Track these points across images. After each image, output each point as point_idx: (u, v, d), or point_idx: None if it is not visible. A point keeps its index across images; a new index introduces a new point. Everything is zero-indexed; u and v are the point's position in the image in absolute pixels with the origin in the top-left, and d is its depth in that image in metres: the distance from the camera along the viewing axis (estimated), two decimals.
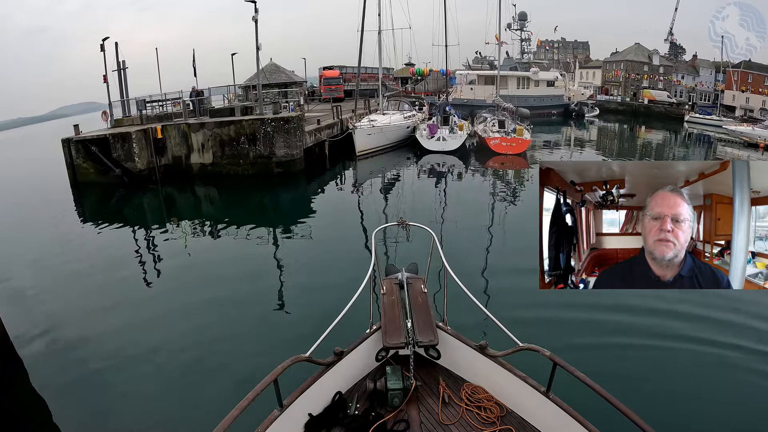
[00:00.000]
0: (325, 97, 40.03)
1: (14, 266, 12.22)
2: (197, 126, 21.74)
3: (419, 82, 59.90)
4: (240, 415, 3.07)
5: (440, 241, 5.10)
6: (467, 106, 40.66)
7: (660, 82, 61.60)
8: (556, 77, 53.17)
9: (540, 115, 45.16)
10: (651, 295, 7.97)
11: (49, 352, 7.68)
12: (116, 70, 24.12)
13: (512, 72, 49.16)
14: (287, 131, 21.01)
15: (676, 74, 61.23)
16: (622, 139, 41.76)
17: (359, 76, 28.89)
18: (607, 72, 68.27)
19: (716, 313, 7.90)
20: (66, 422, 5.97)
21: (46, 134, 23.50)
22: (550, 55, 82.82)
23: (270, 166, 21.24)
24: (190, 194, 20.98)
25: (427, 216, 14.44)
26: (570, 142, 37.66)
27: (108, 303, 9.37)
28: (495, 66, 49.27)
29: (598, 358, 6.53)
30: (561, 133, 42.65)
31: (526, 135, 26.94)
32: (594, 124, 48.20)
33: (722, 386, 6.18)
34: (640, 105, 55.37)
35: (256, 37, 21.59)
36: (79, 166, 21.95)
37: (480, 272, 10.09)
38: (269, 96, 26.92)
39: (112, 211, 18.81)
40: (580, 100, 54.24)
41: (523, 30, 54.39)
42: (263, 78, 26.48)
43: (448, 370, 4.47)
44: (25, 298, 10.01)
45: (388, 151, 27.13)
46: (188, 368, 6.94)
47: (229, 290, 9.69)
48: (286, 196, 19.81)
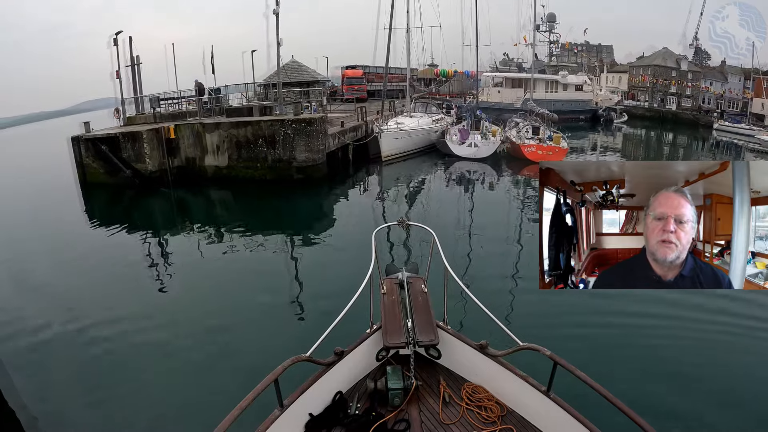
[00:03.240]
0: (347, 97, 38.68)
1: (22, 265, 12.21)
2: (212, 126, 20.32)
3: (444, 83, 58.07)
4: (240, 414, 3.02)
5: (440, 240, 5.00)
6: (494, 109, 38.65)
7: (688, 89, 59.26)
8: (584, 81, 51.09)
9: (567, 120, 43.20)
10: (652, 295, 7.88)
11: (36, 353, 7.73)
12: (129, 65, 22.75)
13: (541, 75, 47.17)
14: (309, 134, 19.38)
15: (705, 80, 58.74)
16: (649, 146, 40.48)
17: (387, 75, 27.20)
18: (634, 77, 65.96)
19: (716, 313, 7.88)
20: (66, 420, 6.11)
21: (66, 128, 23.34)
22: (574, 58, 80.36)
23: (289, 171, 19.67)
24: (203, 198, 19.90)
25: (454, 225, 14.07)
26: (596, 148, 36.42)
27: (110, 303, 9.38)
28: (523, 68, 47.41)
29: (598, 358, 6.55)
30: (588, 139, 41.10)
31: (563, 143, 25.05)
32: (621, 131, 46.79)
33: (722, 386, 6.14)
34: (668, 111, 53.57)
35: (276, 32, 20.13)
36: (88, 166, 21.00)
37: (480, 272, 10.10)
38: (290, 95, 25.38)
39: (121, 214, 18.17)
40: (608, 106, 52.18)
41: (551, 32, 52.28)
42: (284, 76, 24.89)
43: (448, 370, 4.45)
44: (27, 295, 10.09)
45: (414, 156, 25.54)
46: (188, 369, 7.01)
47: (231, 292, 9.75)
48: (307, 203, 18.29)
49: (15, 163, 38.53)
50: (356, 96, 36.13)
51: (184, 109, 23.99)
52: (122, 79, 22.93)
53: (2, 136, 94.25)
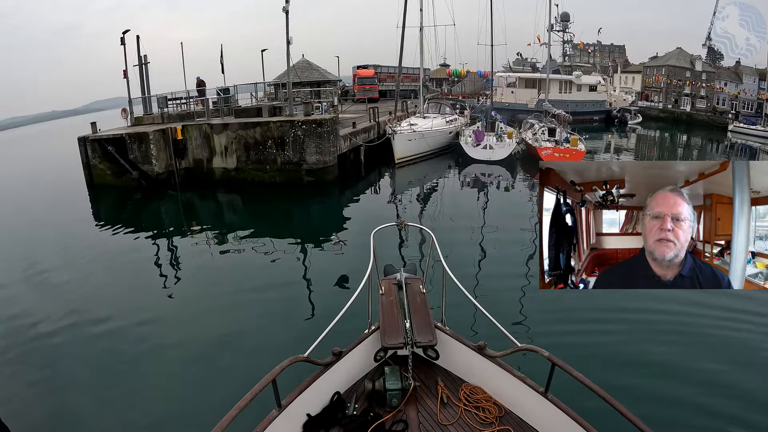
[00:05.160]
0: (359, 97, 38.04)
1: (31, 265, 12.13)
2: (220, 127, 19.78)
3: (456, 83, 57.22)
4: (238, 415, 3.00)
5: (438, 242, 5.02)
6: (508, 110, 37.85)
7: (702, 89, 58.05)
8: (598, 81, 50.12)
9: (581, 121, 42.35)
10: (651, 295, 7.88)
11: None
12: (137, 64, 22.27)
13: (555, 75, 46.29)
14: (320, 135, 18.74)
15: (719, 81, 57.47)
16: (663, 148, 39.43)
17: (400, 75, 26.44)
18: (648, 77, 64.79)
19: (716, 313, 7.83)
20: (66, 417, 6.10)
21: (77, 127, 23.56)
22: (586, 58, 79.01)
23: (300, 174, 19.05)
24: (212, 201, 19.38)
25: (465, 229, 13.63)
26: (610, 150, 35.54)
27: (109, 305, 9.36)
28: (537, 68, 46.55)
29: (596, 359, 6.49)
30: (602, 141, 40.31)
31: (580, 146, 24.23)
32: (635, 132, 45.85)
33: (722, 386, 6.10)
34: (683, 112, 52.57)
35: (286, 30, 19.37)
36: (95, 167, 20.69)
37: (479, 272, 9.98)
38: (300, 95, 24.76)
39: (127, 217, 17.79)
40: (622, 107, 51.20)
41: (565, 31, 51.33)
42: (294, 76, 24.29)
43: (446, 371, 4.44)
44: (33, 296, 10.15)
45: (428, 158, 24.77)
46: (185, 369, 6.99)
47: (232, 294, 9.66)
48: (317, 207, 17.67)
49: (28, 162, 38.62)
50: (368, 96, 35.44)
51: (192, 109, 23.46)
52: (130, 79, 22.48)
53: (17, 134, 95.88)
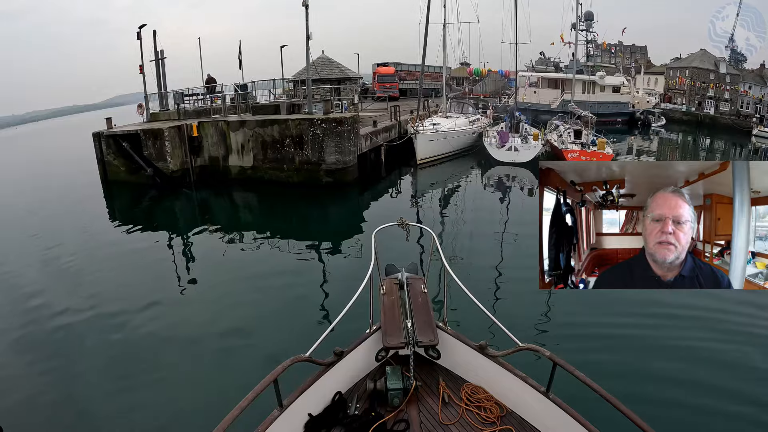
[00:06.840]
0: (379, 95, 37.24)
1: (40, 263, 12.21)
2: (237, 124, 19.20)
3: (477, 82, 56.22)
4: (240, 414, 2.99)
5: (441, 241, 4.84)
6: (530, 110, 36.80)
7: (726, 92, 56.38)
8: (621, 82, 48.75)
9: (605, 123, 41.14)
10: (651, 295, 7.81)
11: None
12: (153, 60, 21.77)
13: (578, 75, 45.13)
14: (340, 134, 18.01)
15: (743, 84, 55.71)
16: (685, 151, 38.38)
17: (423, 73, 25.64)
18: (671, 79, 63.13)
19: (716, 313, 7.82)
20: (65, 415, 6.15)
21: (97, 122, 23.62)
22: (608, 58, 77.28)
23: (318, 174, 18.35)
24: (227, 201, 18.92)
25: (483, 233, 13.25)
26: (632, 152, 34.52)
27: (115, 304, 9.36)
28: (560, 68, 45.43)
29: (598, 358, 6.44)
30: (624, 143, 39.11)
31: (608, 149, 23.22)
32: (658, 135, 44.57)
33: (722, 386, 6.07)
34: (706, 115, 51.07)
35: (306, 24, 18.66)
36: (109, 163, 20.38)
37: (480, 272, 9.94)
38: (320, 92, 24.08)
39: (142, 214, 17.55)
40: (645, 108, 49.82)
41: (589, 31, 50.01)
42: (314, 72, 23.60)
43: (447, 370, 4.41)
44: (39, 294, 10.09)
45: (451, 159, 23.95)
46: (188, 368, 6.98)
47: (234, 294, 9.63)
48: (335, 209, 16.98)
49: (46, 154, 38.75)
50: (388, 94, 34.66)
51: (209, 105, 22.95)
52: (146, 74, 21.99)
53: (38, 128, 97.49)
